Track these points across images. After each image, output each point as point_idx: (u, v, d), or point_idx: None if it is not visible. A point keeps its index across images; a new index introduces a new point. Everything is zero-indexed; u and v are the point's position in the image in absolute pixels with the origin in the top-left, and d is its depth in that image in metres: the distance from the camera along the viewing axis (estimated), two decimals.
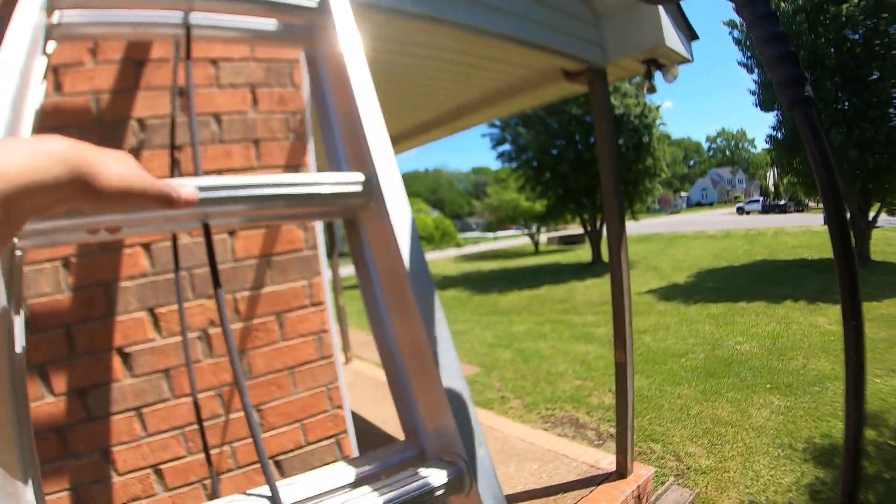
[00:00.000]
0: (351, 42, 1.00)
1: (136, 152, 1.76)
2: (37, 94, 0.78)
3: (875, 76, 15.20)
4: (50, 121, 1.64)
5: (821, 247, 20.65)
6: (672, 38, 3.76)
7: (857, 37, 15.24)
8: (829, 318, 10.39)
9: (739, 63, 17.83)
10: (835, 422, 5.79)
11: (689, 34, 4.08)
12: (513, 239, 46.07)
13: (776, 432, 5.64)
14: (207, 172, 1.86)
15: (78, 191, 0.47)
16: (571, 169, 22.27)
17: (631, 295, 4.06)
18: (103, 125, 1.74)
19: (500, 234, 40.41)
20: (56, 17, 0.91)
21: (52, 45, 0.90)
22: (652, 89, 4.14)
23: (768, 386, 7.04)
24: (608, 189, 3.92)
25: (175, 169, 1.80)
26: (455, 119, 5.43)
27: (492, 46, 3.24)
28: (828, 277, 14.36)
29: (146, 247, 1.79)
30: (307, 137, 2.09)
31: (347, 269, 20.59)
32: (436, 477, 0.76)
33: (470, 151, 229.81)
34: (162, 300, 1.79)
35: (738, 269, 17.99)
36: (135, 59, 1.79)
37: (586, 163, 21.81)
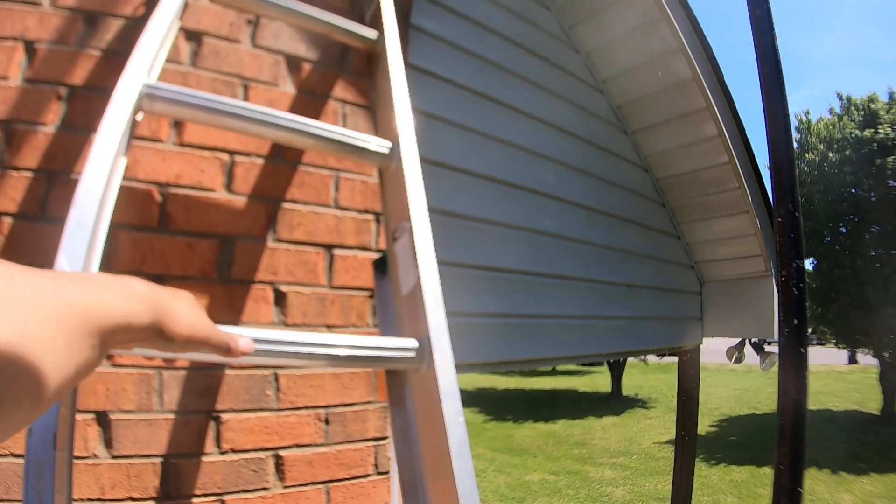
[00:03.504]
0: None
1: None
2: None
3: None
4: None
5: (845, 394, 19.99)
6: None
7: None
8: (855, 495, 10.01)
9: None
10: None
11: None
12: None
13: None
14: None
15: (154, 335, 0.52)
16: None
17: None
18: None
19: None
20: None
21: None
22: (740, 360, 4.02)
23: None
24: None
25: None
26: None
27: None
28: (853, 437, 13.91)
29: None
30: None
31: None
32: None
33: None
34: None
35: (760, 418, 17.39)
36: None
37: None
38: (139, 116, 1.11)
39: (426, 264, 1.04)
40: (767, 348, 3.94)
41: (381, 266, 1.41)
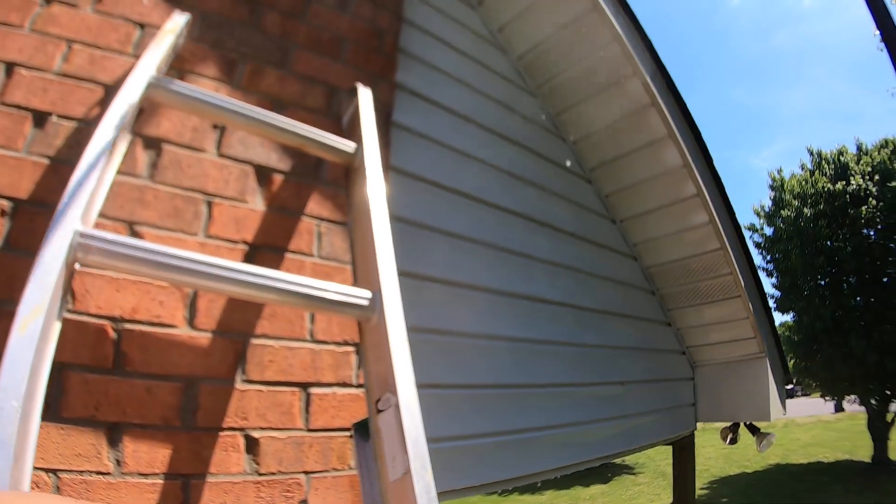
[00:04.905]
0: None
1: None
2: None
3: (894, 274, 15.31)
4: None
5: (835, 444, 19.45)
6: (776, 407, 3.48)
7: (874, 235, 15.56)
8: None
9: (760, 267, 18.05)
10: None
11: (786, 379, 3.81)
12: None
13: None
14: None
15: None
16: None
17: None
18: None
19: None
20: None
21: None
22: (735, 441, 3.89)
23: None
24: None
25: None
26: None
27: None
28: (847, 489, 13.51)
29: None
30: None
31: None
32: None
33: None
34: None
35: (751, 476, 17.16)
36: None
37: None
38: (77, 266, 0.98)
39: (416, 452, 0.88)
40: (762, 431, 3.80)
41: (363, 430, 1.24)
